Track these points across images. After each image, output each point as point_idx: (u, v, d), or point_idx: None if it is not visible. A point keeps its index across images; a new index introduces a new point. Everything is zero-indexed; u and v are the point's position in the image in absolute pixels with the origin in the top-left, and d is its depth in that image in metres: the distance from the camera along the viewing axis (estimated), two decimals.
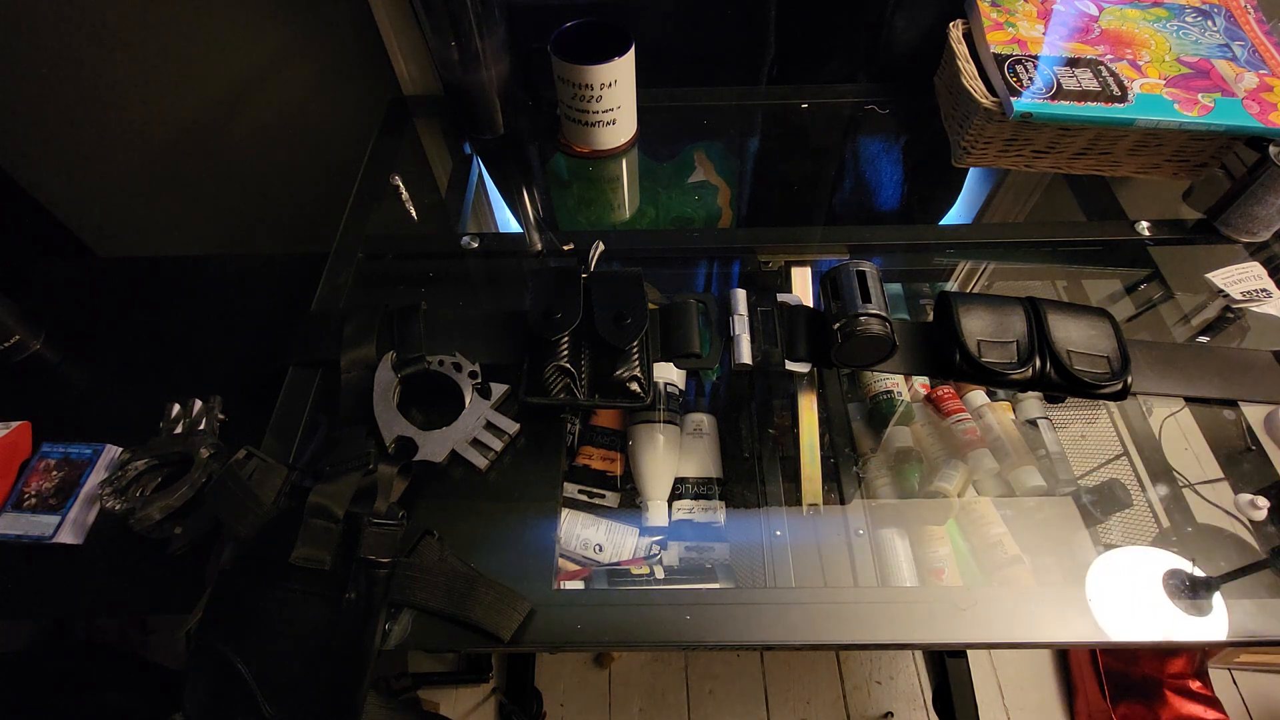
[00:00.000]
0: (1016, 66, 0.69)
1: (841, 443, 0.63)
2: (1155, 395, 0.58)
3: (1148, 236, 0.70)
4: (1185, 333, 0.66)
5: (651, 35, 0.79)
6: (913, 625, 0.47)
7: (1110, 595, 0.48)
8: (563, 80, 0.74)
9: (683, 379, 0.70)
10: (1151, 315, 0.67)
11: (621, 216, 0.79)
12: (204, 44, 0.88)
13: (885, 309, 0.54)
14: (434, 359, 0.57)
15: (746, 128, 0.88)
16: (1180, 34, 0.72)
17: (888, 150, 0.86)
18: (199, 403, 0.63)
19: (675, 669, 1.19)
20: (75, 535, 0.58)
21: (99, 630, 1.12)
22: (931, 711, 1.13)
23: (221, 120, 0.97)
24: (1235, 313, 0.65)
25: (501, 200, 0.83)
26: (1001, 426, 0.65)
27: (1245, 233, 0.68)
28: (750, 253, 0.71)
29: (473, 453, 0.54)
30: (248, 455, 0.51)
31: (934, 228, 0.79)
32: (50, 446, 0.62)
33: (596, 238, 0.68)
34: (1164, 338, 0.65)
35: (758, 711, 1.15)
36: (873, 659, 1.20)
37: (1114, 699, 1.07)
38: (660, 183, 0.81)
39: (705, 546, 0.62)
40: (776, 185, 0.83)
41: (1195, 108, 0.65)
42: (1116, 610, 0.47)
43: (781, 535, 0.57)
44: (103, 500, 0.57)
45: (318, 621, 0.46)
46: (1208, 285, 0.65)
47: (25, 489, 0.59)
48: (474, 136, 0.84)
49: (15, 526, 0.57)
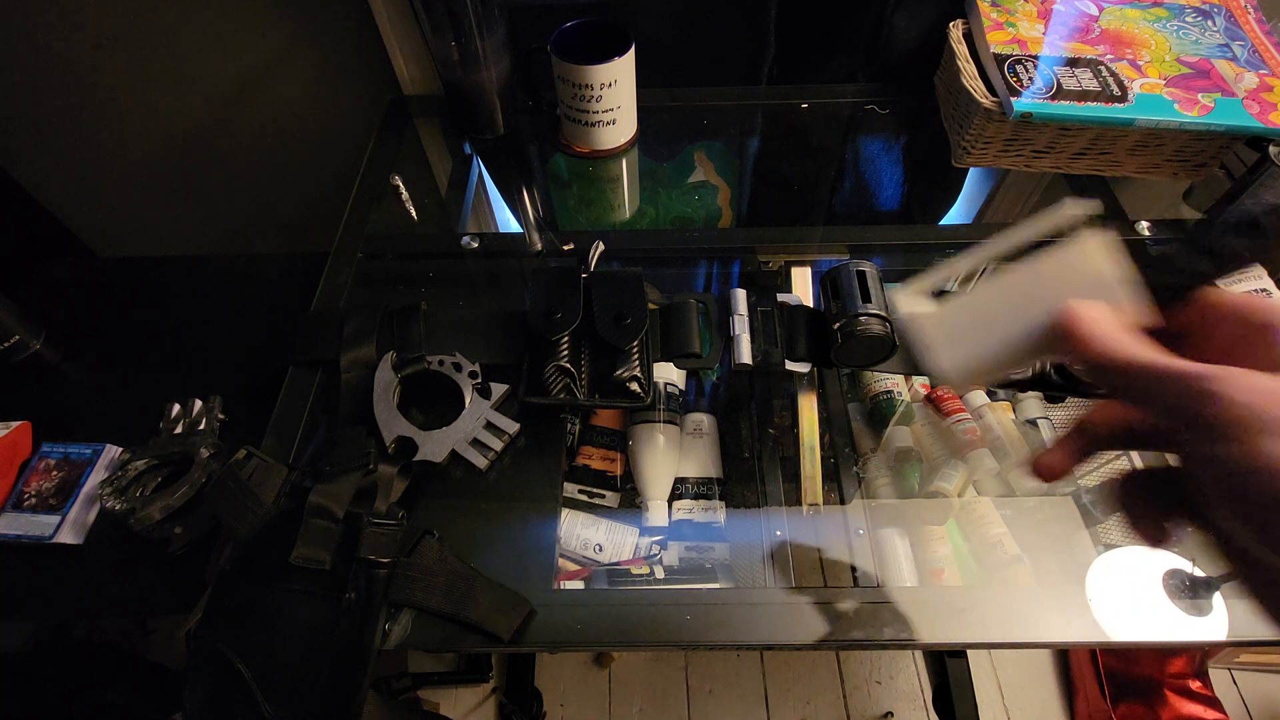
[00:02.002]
0: (1016, 66, 0.69)
1: (841, 443, 0.63)
2: None
3: (1148, 236, 0.70)
4: None
5: (651, 35, 0.79)
6: (913, 625, 0.47)
7: (1110, 595, 0.48)
8: (563, 80, 0.74)
9: (683, 379, 0.70)
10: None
11: (621, 216, 0.79)
12: (204, 44, 0.88)
13: (885, 309, 0.54)
14: (434, 359, 0.57)
15: (746, 128, 0.88)
16: (1180, 34, 0.72)
17: (888, 150, 0.86)
18: (199, 403, 0.63)
19: (675, 669, 1.19)
20: (75, 535, 0.58)
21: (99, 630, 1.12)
22: (931, 711, 1.13)
23: (221, 120, 0.97)
24: None
25: (501, 200, 0.83)
26: (1001, 426, 0.65)
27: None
28: (750, 253, 0.71)
29: (473, 453, 0.54)
30: (248, 455, 0.51)
31: (934, 228, 0.79)
32: (50, 446, 0.62)
33: (596, 238, 0.68)
34: None
35: (758, 711, 1.15)
36: (873, 659, 1.20)
37: (1114, 699, 1.07)
38: (660, 183, 0.81)
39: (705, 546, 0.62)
40: (776, 185, 0.83)
41: (1195, 108, 0.65)
42: (1116, 610, 0.47)
43: (781, 535, 0.57)
44: (103, 500, 0.57)
45: (318, 621, 0.46)
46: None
47: (25, 489, 0.59)
48: (474, 136, 0.84)
49: (15, 526, 0.57)
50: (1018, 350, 0.28)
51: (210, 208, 1.11)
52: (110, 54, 0.88)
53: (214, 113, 0.96)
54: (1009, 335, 0.27)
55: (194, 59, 0.89)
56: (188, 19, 0.85)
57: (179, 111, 0.95)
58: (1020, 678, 1.18)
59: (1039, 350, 0.27)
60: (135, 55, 0.88)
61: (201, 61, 0.90)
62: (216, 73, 0.91)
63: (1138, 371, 0.24)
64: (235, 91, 0.93)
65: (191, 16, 0.85)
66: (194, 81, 0.92)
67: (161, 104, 0.94)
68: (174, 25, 0.86)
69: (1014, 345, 0.28)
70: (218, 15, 0.85)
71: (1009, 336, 0.27)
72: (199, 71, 0.91)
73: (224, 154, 1.01)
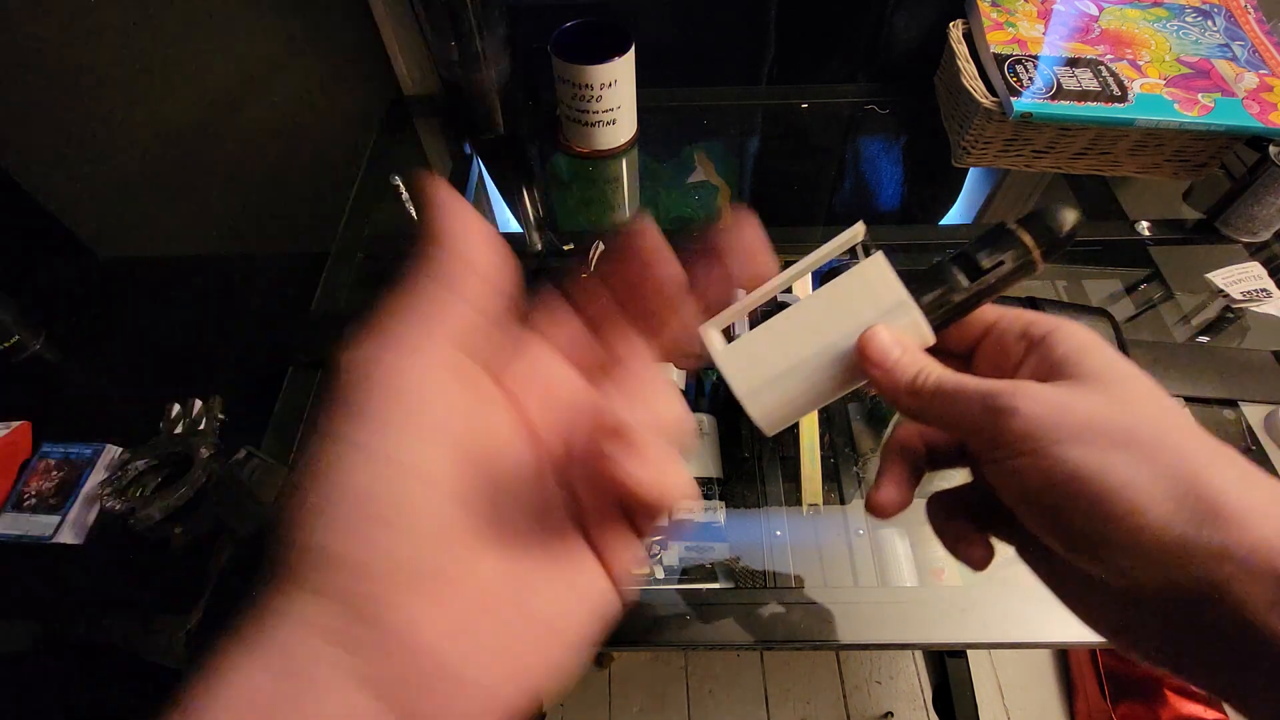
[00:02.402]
0: (1017, 66, 0.69)
1: (841, 443, 0.63)
2: None
3: (1148, 236, 0.70)
4: (1185, 332, 0.66)
5: (651, 35, 0.79)
6: (913, 625, 0.47)
7: None
8: (563, 80, 0.74)
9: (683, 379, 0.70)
10: (1152, 315, 0.67)
11: (621, 216, 0.80)
12: (203, 44, 0.88)
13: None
14: None
15: (746, 128, 0.88)
16: (1180, 34, 0.72)
17: (888, 150, 0.86)
18: (199, 403, 0.63)
19: (675, 669, 1.19)
20: (75, 535, 0.58)
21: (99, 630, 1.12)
22: (931, 711, 1.13)
23: (221, 120, 0.97)
24: (1235, 313, 0.65)
25: (501, 200, 0.83)
26: None
27: (1245, 232, 0.68)
28: None
29: None
30: (248, 455, 0.52)
31: (934, 227, 0.79)
32: (50, 446, 0.62)
33: (596, 238, 0.68)
34: (1164, 338, 0.65)
35: (758, 712, 1.15)
36: (873, 659, 1.20)
37: (1114, 699, 1.07)
38: (660, 183, 0.81)
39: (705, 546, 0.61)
40: (776, 185, 0.83)
41: (1195, 108, 0.65)
42: None
43: (781, 535, 0.57)
44: (103, 500, 0.57)
45: None
46: (1208, 285, 0.65)
47: (25, 489, 0.59)
48: (474, 136, 0.84)
49: (15, 526, 0.57)
50: (822, 385, 0.27)
51: (210, 208, 1.11)
52: (111, 54, 0.88)
53: (214, 113, 0.96)
54: (810, 370, 0.27)
55: (194, 59, 0.89)
56: (188, 19, 0.85)
57: (179, 111, 0.95)
58: (1020, 678, 1.18)
59: (843, 382, 0.26)
60: (135, 55, 0.88)
61: (201, 61, 0.90)
62: (216, 73, 0.91)
63: (931, 394, 0.25)
64: (235, 91, 0.93)
65: (192, 16, 0.85)
66: (194, 81, 0.92)
67: (162, 104, 0.94)
68: (174, 25, 0.86)
69: (817, 380, 0.27)
70: (217, 15, 0.85)
71: (810, 372, 0.27)
72: (199, 71, 0.91)
73: (224, 154, 1.01)
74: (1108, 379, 0.23)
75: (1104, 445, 0.21)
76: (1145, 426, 0.21)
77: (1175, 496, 0.20)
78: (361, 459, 0.17)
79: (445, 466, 0.18)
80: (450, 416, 0.18)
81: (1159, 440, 0.21)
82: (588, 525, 0.20)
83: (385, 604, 0.17)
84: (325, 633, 0.17)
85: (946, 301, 0.26)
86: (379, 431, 0.17)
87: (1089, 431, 0.21)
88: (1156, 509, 0.20)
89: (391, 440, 0.17)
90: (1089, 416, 0.22)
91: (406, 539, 0.17)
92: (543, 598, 0.19)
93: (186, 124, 0.97)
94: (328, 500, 0.17)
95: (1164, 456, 0.21)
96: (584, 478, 0.19)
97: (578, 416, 0.20)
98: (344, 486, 0.17)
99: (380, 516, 0.17)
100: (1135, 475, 0.21)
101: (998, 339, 0.27)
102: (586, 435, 0.18)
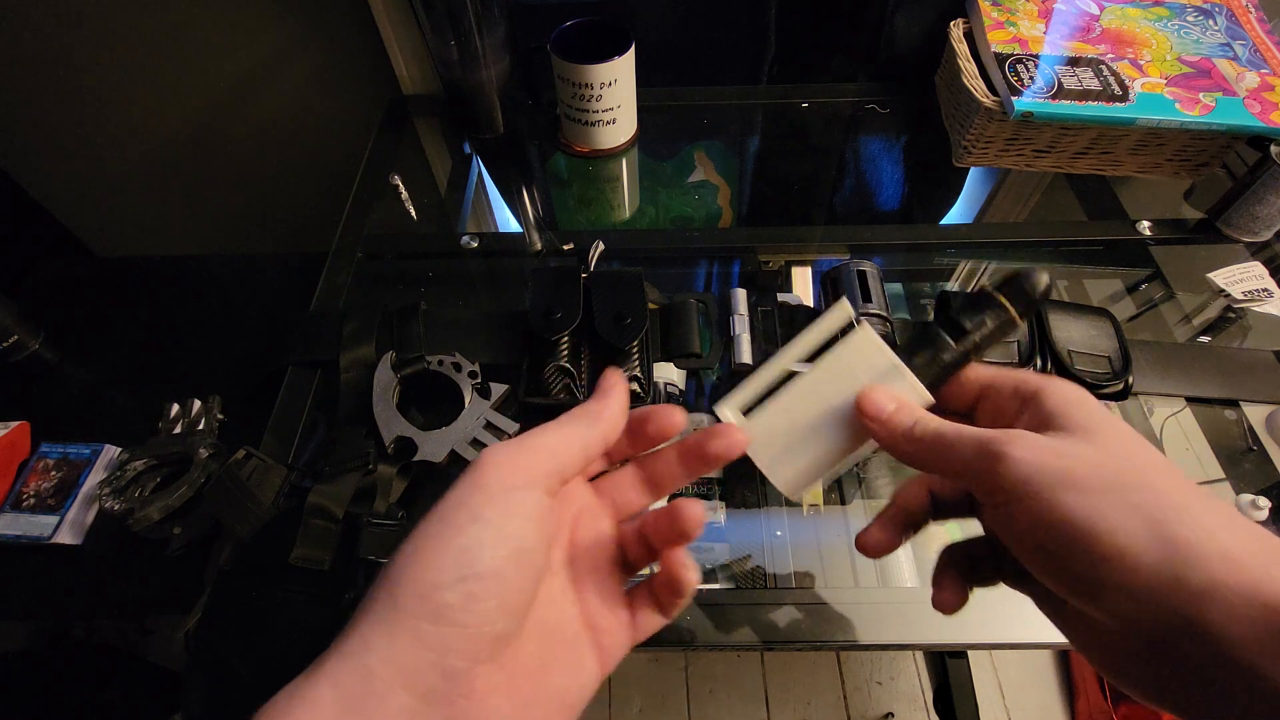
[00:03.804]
0: (1017, 66, 0.69)
1: None
2: (1156, 395, 0.58)
3: (1149, 236, 0.70)
4: (1186, 332, 0.65)
5: (651, 35, 0.79)
6: (913, 625, 0.47)
7: None
8: (563, 80, 0.74)
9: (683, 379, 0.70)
10: (1153, 315, 0.67)
11: (621, 216, 0.79)
12: (204, 44, 0.88)
13: (886, 309, 0.54)
14: (433, 359, 0.57)
15: (746, 127, 0.88)
16: (1181, 33, 0.71)
17: (888, 150, 0.86)
18: (198, 403, 0.63)
19: (675, 669, 1.19)
20: (74, 535, 0.58)
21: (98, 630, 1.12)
22: (932, 712, 1.13)
23: (221, 120, 0.97)
24: (1237, 312, 0.65)
25: (501, 200, 0.83)
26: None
27: (1246, 232, 0.68)
28: (750, 252, 0.71)
29: (472, 453, 0.53)
30: (247, 455, 0.51)
31: (935, 227, 0.79)
32: (49, 446, 0.61)
33: (596, 237, 0.68)
34: (1165, 337, 0.65)
35: (758, 712, 1.15)
36: (873, 659, 1.20)
37: (1115, 699, 1.07)
38: (660, 182, 0.81)
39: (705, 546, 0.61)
40: (777, 185, 0.83)
41: (1196, 107, 0.65)
42: None
43: (782, 535, 0.57)
44: (102, 500, 0.57)
45: (317, 622, 0.46)
46: (1209, 285, 0.65)
47: (24, 489, 0.59)
48: (474, 136, 0.84)
49: (14, 526, 0.57)
50: (834, 448, 0.30)
51: (210, 207, 1.11)
52: (110, 54, 0.88)
53: (214, 112, 0.96)
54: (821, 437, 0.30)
55: (194, 59, 0.89)
56: (188, 19, 0.85)
57: (179, 111, 0.95)
58: (1021, 678, 1.17)
59: (852, 443, 0.29)
60: (135, 55, 0.88)
61: (201, 61, 0.90)
62: (216, 73, 0.91)
63: (931, 441, 0.26)
64: (235, 91, 0.93)
65: (192, 16, 0.85)
66: (194, 81, 0.92)
67: (161, 104, 0.94)
68: (174, 25, 0.85)
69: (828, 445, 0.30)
70: (218, 15, 0.85)
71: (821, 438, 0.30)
72: (199, 71, 0.91)
73: (224, 154, 1.01)
74: (1095, 429, 0.24)
75: (1094, 490, 0.22)
76: (1131, 473, 0.23)
77: (1160, 539, 0.21)
78: (473, 522, 0.22)
79: (534, 543, 0.23)
80: (540, 511, 0.23)
81: (1144, 485, 0.22)
82: (594, 619, 0.26)
83: (472, 672, 0.20)
84: (408, 676, 0.20)
85: (937, 361, 0.29)
86: (492, 506, 0.22)
87: (1080, 477, 0.23)
88: (1142, 551, 0.21)
89: (499, 510, 0.22)
90: (1079, 463, 0.23)
91: (499, 606, 0.21)
92: (557, 677, 0.24)
93: (186, 124, 0.97)
94: (440, 551, 0.21)
95: (1149, 500, 0.22)
96: (594, 585, 0.27)
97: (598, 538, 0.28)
98: (454, 543, 0.21)
99: (482, 575, 0.21)
100: (1124, 519, 0.22)
101: (993, 398, 0.29)
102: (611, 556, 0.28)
